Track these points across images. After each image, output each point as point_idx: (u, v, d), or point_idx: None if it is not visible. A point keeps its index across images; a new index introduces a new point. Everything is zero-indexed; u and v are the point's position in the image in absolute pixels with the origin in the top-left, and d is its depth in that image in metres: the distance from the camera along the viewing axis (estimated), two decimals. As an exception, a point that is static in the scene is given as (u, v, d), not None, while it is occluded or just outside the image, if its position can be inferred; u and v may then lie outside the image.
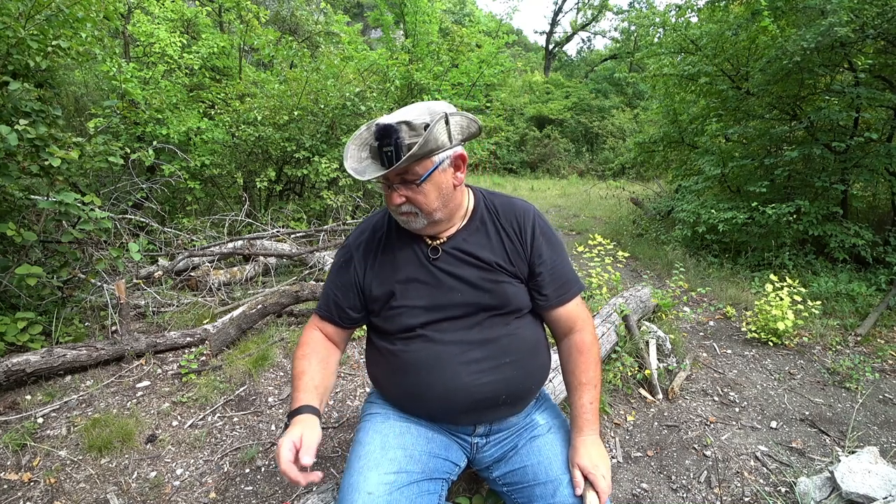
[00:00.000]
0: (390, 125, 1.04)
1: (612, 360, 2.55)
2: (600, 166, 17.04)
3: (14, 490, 1.80)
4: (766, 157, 5.13)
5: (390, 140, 1.04)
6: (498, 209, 1.27)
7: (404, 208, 1.13)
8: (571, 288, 1.26)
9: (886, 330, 3.48)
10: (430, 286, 1.19)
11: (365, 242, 1.27)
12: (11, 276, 2.66)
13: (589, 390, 1.22)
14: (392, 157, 1.05)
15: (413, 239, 1.23)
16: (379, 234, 1.27)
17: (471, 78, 7.02)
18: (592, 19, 27.28)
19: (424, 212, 1.14)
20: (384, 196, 1.18)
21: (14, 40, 2.89)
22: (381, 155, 1.07)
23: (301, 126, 5.68)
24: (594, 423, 1.21)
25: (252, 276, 4.14)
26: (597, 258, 3.66)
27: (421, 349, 1.18)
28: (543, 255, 1.23)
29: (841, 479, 1.70)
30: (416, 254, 1.21)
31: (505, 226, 1.24)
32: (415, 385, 1.18)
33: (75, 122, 5.95)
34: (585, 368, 1.24)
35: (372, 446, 1.17)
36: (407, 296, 1.19)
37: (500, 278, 1.20)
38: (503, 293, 1.19)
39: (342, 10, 15.69)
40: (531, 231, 1.23)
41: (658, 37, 6.54)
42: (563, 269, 1.25)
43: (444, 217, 1.18)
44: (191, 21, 6.92)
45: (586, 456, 1.14)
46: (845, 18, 3.92)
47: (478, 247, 1.21)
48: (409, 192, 1.11)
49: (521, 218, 1.25)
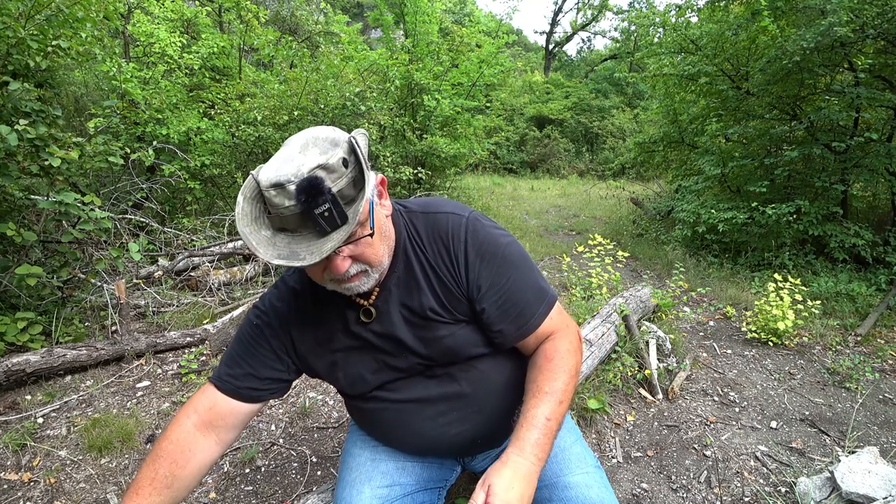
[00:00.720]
0: (311, 177, 0.75)
1: (612, 360, 2.55)
2: (600, 166, 17.03)
3: (14, 490, 1.80)
4: (766, 157, 5.13)
5: (323, 197, 0.75)
6: (421, 235, 0.99)
7: (353, 270, 0.88)
8: (535, 312, 0.99)
9: (886, 330, 3.48)
10: (372, 352, 1.01)
11: (288, 311, 1.03)
12: (11, 276, 2.66)
13: (547, 402, 0.92)
14: (333, 216, 0.76)
15: (341, 303, 1.00)
16: (305, 303, 1.03)
17: (471, 78, 7.02)
18: (592, 19, 27.27)
19: (374, 265, 0.90)
20: (310, 271, 0.90)
21: (14, 40, 2.89)
22: (313, 220, 0.76)
23: (301, 126, 5.67)
24: (539, 447, 0.88)
25: (252, 276, 4.14)
26: (597, 258, 3.66)
27: (382, 410, 1.06)
28: (483, 284, 0.96)
29: (841, 479, 1.70)
30: (348, 320, 1.01)
31: (431, 258, 0.98)
32: (388, 438, 1.13)
33: (75, 122, 5.96)
34: (550, 377, 0.96)
35: (362, 458, 1.13)
36: (350, 365, 1.02)
37: (440, 332, 0.98)
38: (445, 349, 0.99)
39: (342, 9, 15.69)
40: (464, 256, 0.96)
41: (658, 37, 6.54)
42: (516, 290, 0.98)
43: (387, 262, 0.95)
44: (191, 21, 6.92)
45: (502, 483, 0.83)
46: (845, 18, 3.92)
47: (408, 296, 0.98)
48: (354, 248, 0.86)
49: (449, 240, 0.97)
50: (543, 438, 0.89)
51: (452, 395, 1.03)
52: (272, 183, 0.77)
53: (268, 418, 2.32)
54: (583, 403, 2.24)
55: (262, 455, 2.06)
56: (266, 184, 0.78)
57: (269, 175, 0.78)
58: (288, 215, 0.78)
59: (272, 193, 0.77)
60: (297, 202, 0.76)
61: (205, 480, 1.90)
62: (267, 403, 1.15)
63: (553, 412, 0.92)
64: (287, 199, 0.76)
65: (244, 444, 2.12)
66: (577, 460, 1.10)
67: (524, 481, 0.85)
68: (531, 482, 0.86)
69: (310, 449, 2.10)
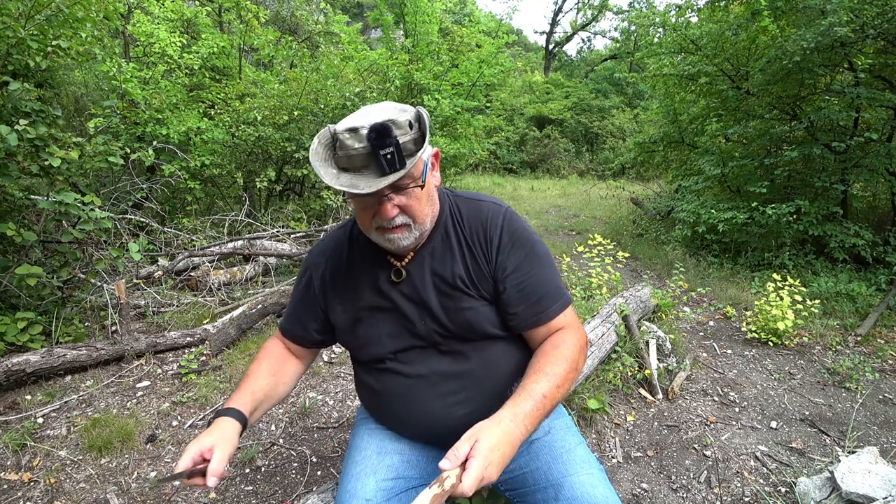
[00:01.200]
0: (384, 123, 0.88)
1: (612, 360, 2.55)
2: (600, 166, 17.03)
3: (14, 490, 1.80)
4: (766, 157, 5.13)
5: (390, 140, 0.88)
6: (463, 215, 1.10)
7: (399, 220, 0.98)
8: (551, 304, 1.06)
9: (886, 330, 3.48)
10: (394, 314, 1.08)
11: (325, 264, 1.16)
12: (11, 276, 2.66)
13: (547, 381, 0.96)
14: (395, 160, 0.89)
15: (376, 260, 1.10)
16: (342, 256, 1.15)
17: (471, 78, 7.02)
18: (592, 19, 27.27)
19: (418, 221, 1.00)
20: (359, 214, 1.01)
21: (14, 40, 2.89)
22: (377, 160, 0.89)
23: (301, 126, 5.68)
24: (531, 418, 0.91)
25: (252, 276, 4.14)
26: (597, 258, 3.66)
27: (392, 382, 1.11)
28: (509, 266, 1.05)
29: (841, 479, 1.70)
30: (379, 278, 1.09)
31: (468, 235, 1.08)
32: (395, 414, 1.16)
33: (75, 122, 5.95)
34: (554, 361, 1.00)
35: (368, 451, 1.15)
36: (372, 324, 1.09)
37: (463, 304, 1.06)
38: (464, 321, 1.06)
39: (342, 9, 15.69)
40: (497, 239, 1.06)
41: (658, 37, 6.54)
42: (538, 281, 1.06)
43: (429, 227, 1.05)
44: (191, 21, 6.92)
45: (490, 441, 0.85)
46: (845, 18, 3.92)
47: (441, 264, 1.07)
48: (404, 199, 0.96)
49: (488, 224, 1.08)
50: (536, 412, 0.93)
51: (463, 374, 1.08)
52: (348, 128, 0.92)
53: (268, 418, 2.32)
54: (583, 403, 2.24)
55: (262, 455, 2.06)
56: (342, 128, 0.92)
57: (345, 124, 0.93)
58: (355, 154, 0.92)
59: (346, 136, 0.92)
60: (368, 142, 0.89)
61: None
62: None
63: (550, 392, 0.96)
64: (358, 141, 0.91)
65: (244, 444, 2.12)
66: (582, 461, 1.11)
67: (509, 446, 0.87)
68: (514, 449, 0.89)
69: (310, 449, 2.10)
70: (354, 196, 0.94)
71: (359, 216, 1.03)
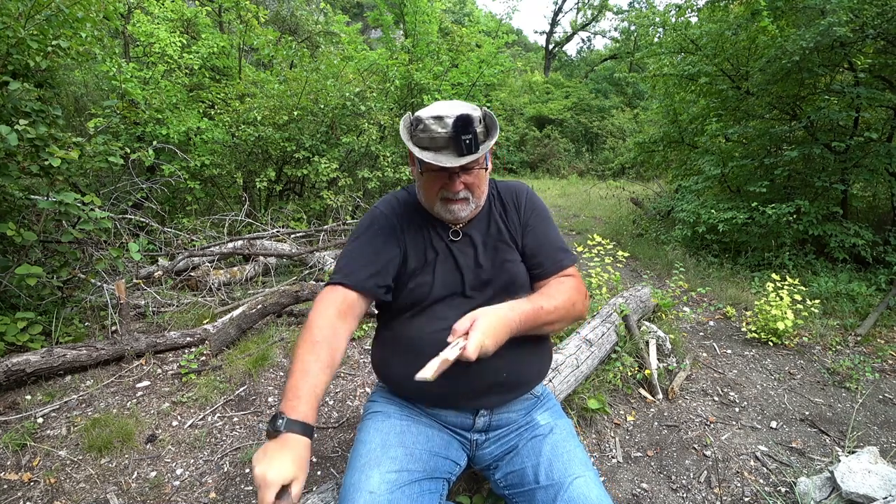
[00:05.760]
0: (469, 115, 1.12)
1: (612, 360, 2.55)
2: (600, 166, 17.04)
3: (14, 490, 1.80)
4: (766, 157, 5.13)
5: (471, 129, 1.11)
6: (500, 190, 1.39)
7: (462, 194, 1.21)
8: (565, 258, 1.32)
9: (886, 330, 3.48)
10: (452, 262, 1.26)
11: (400, 216, 1.30)
12: (11, 276, 2.66)
13: (548, 301, 1.18)
14: (472, 146, 1.12)
15: (433, 220, 1.30)
16: (414, 212, 1.32)
17: (471, 78, 7.01)
18: (592, 19, 27.28)
19: (476, 196, 1.24)
20: (428, 186, 1.24)
21: (14, 40, 2.89)
22: (459, 143, 1.12)
23: (301, 126, 5.68)
24: (527, 318, 1.11)
25: (252, 276, 4.14)
26: (597, 258, 3.65)
27: (425, 325, 1.21)
28: (531, 224, 1.32)
29: (841, 479, 1.70)
30: (440, 234, 1.29)
31: (505, 204, 1.36)
32: (418, 363, 1.13)
33: (75, 122, 5.95)
34: (557, 292, 1.22)
35: (373, 445, 1.17)
36: (430, 271, 1.25)
37: (507, 255, 1.28)
38: (507, 274, 1.26)
39: (342, 9, 15.69)
40: (524, 204, 1.35)
41: (658, 37, 6.55)
42: (553, 241, 1.33)
43: (482, 203, 1.30)
44: (191, 21, 6.91)
45: (488, 322, 1.03)
46: (845, 18, 3.92)
47: (486, 228, 1.31)
48: (469, 178, 1.21)
49: (517, 194, 1.37)
50: (531, 313, 1.13)
51: None
52: (434, 115, 1.15)
53: (268, 418, 2.32)
54: (583, 403, 2.24)
55: (262, 455, 2.05)
56: (428, 115, 1.16)
57: (430, 112, 1.16)
58: (438, 137, 1.14)
59: (431, 122, 1.15)
60: (453, 128, 1.12)
61: (205, 481, 1.90)
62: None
63: (547, 310, 1.17)
64: (442, 127, 1.14)
65: (244, 444, 2.12)
66: (580, 462, 1.17)
67: (504, 331, 1.06)
68: (507, 335, 1.07)
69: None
70: (436, 169, 1.17)
71: (427, 188, 1.24)
